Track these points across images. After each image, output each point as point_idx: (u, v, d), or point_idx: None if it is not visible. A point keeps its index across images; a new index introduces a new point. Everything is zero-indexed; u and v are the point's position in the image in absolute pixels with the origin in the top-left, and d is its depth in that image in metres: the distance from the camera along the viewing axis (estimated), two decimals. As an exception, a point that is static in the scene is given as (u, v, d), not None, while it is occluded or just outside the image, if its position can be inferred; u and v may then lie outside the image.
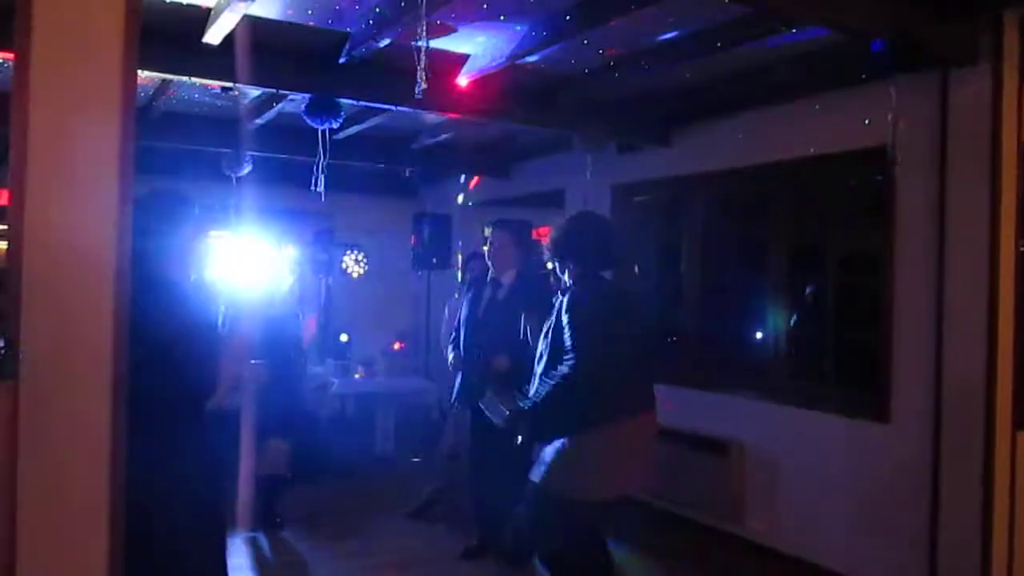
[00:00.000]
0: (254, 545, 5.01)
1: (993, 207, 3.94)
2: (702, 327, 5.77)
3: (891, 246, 4.43)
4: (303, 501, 5.91)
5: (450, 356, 4.99)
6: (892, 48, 3.82)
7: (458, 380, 4.97)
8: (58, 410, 1.89)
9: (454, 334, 5.00)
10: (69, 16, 1.96)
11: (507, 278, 4.75)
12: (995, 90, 3.95)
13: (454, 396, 5.05)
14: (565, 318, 3.44)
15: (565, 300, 3.51)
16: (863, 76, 4.32)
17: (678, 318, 5.92)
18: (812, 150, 4.84)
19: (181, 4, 3.92)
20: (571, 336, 3.39)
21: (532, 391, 3.56)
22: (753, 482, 5.13)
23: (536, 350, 3.74)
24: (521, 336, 4.49)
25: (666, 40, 4.32)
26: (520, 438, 3.62)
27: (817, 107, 4.81)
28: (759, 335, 5.36)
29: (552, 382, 3.41)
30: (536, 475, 3.52)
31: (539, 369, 3.59)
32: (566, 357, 3.39)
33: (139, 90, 5.39)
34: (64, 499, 1.90)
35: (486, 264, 5.03)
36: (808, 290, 5.24)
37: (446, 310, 6.66)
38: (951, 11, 3.90)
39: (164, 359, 2.45)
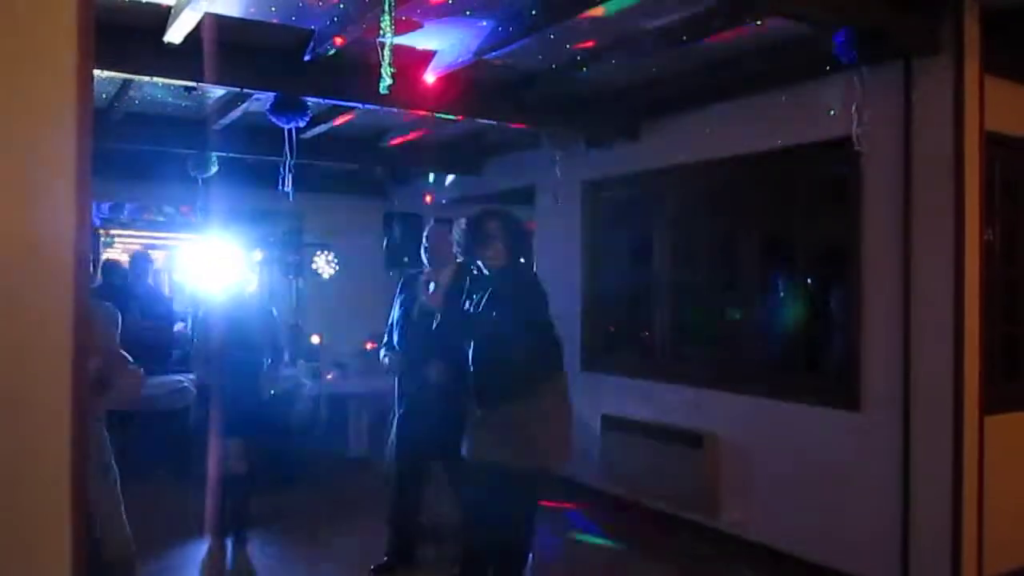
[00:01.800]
0: (219, 550, 4.91)
1: (958, 196, 3.99)
2: (674, 321, 5.79)
3: (858, 236, 4.47)
4: (273, 504, 5.86)
5: (385, 359, 4.77)
6: (856, 39, 3.86)
7: (396, 383, 4.81)
8: (20, 415, 1.85)
9: (386, 337, 4.81)
10: (18, 10, 1.91)
11: (443, 277, 4.37)
12: (957, 80, 4.00)
13: (395, 399, 4.82)
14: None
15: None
16: (828, 68, 4.35)
17: (650, 312, 5.93)
18: (779, 142, 4.87)
19: (140, 2, 3.85)
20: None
21: None
22: (727, 473, 5.16)
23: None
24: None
25: (633, 33, 4.32)
26: None
27: (784, 99, 4.84)
28: (730, 327, 5.38)
29: None
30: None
31: None
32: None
33: (99, 91, 5.32)
34: (24, 500, 1.85)
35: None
36: (778, 281, 5.27)
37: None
38: (913, 2, 3.94)
39: None
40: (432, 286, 3.99)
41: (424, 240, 4.68)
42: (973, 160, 4.03)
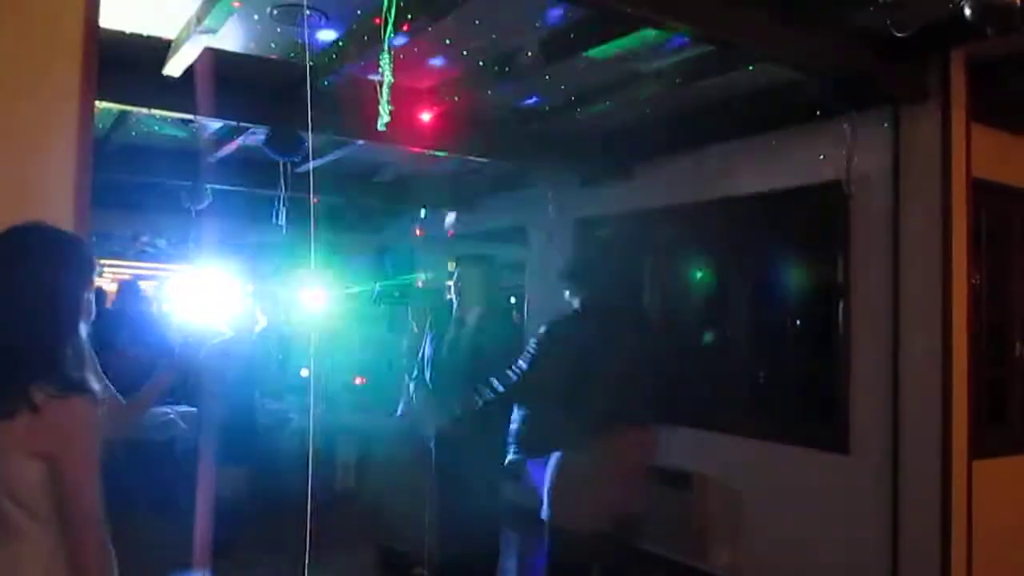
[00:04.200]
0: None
1: (945, 241, 4.03)
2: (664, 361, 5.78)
3: (848, 279, 4.51)
4: (257, 538, 5.79)
5: (414, 395, 4.83)
6: (844, 86, 3.93)
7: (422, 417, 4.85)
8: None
9: (416, 372, 4.91)
10: (26, 45, 1.94)
11: (471, 316, 4.61)
12: (944, 127, 4.07)
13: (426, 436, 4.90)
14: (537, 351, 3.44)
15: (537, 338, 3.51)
16: (818, 112, 4.42)
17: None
18: (770, 185, 4.92)
19: (142, 36, 3.90)
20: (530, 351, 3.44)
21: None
22: (715, 514, 5.13)
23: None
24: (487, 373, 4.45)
25: (628, 76, 4.39)
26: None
27: (774, 142, 4.90)
28: (720, 368, 5.38)
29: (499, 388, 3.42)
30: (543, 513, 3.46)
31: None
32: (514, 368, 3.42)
33: (97, 122, 5.35)
34: None
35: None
36: (767, 323, 5.29)
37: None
38: (901, 51, 4.02)
39: None
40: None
41: (455, 281, 4.67)
42: (960, 206, 4.08)
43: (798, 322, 5.11)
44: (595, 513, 3.32)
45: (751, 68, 4.10)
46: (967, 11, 3.01)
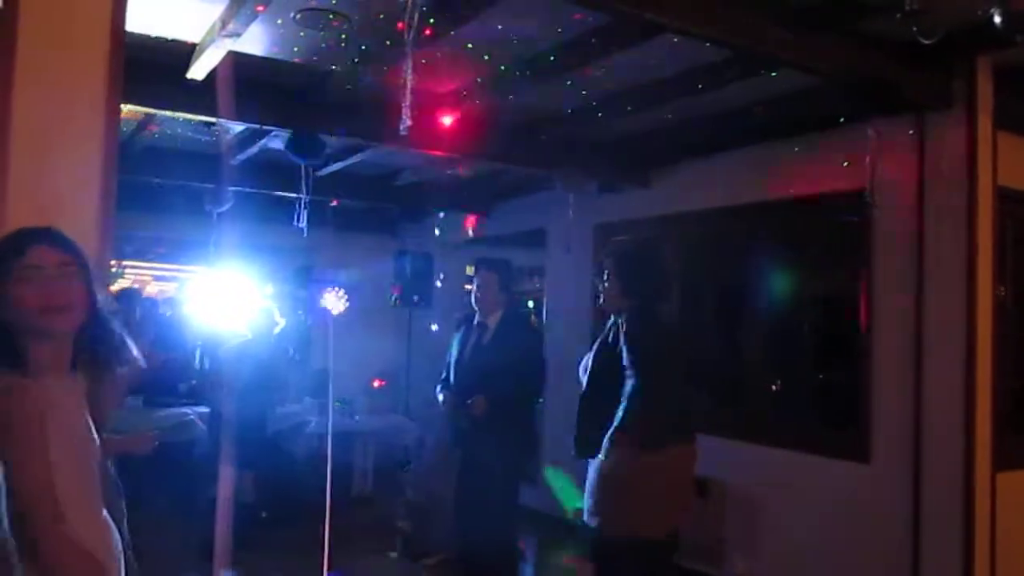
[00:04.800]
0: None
1: (970, 249, 3.99)
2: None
3: (870, 288, 4.47)
4: (278, 539, 5.82)
5: (440, 397, 4.91)
6: (868, 93, 3.90)
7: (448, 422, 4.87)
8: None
9: (444, 374, 4.95)
10: (53, 50, 1.95)
11: (492, 320, 4.74)
12: (969, 134, 4.02)
13: (450, 438, 4.92)
14: (626, 352, 3.29)
15: (624, 334, 3.32)
16: (841, 119, 4.38)
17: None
18: (791, 191, 4.89)
19: (166, 39, 3.93)
20: (633, 366, 3.27)
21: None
22: (733, 522, 5.10)
23: (521, 388, 3.75)
24: (510, 377, 4.47)
25: (648, 81, 4.38)
26: None
27: (796, 149, 4.87)
28: (738, 375, 5.35)
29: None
30: (591, 520, 3.33)
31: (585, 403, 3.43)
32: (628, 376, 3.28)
33: (121, 125, 5.40)
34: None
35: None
36: (787, 330, 5.25)
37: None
38: (926, 58, 3.98)
39: None
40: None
41: (475, 287, 4.71)
42: (986, 215, 4.03)
43: (819, 330, 5.07)
44: (656, 521, 3.28)
45: (773, 74, 4.07)
46: (996, 19, 2.98)
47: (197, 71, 3.99)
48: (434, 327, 8.25)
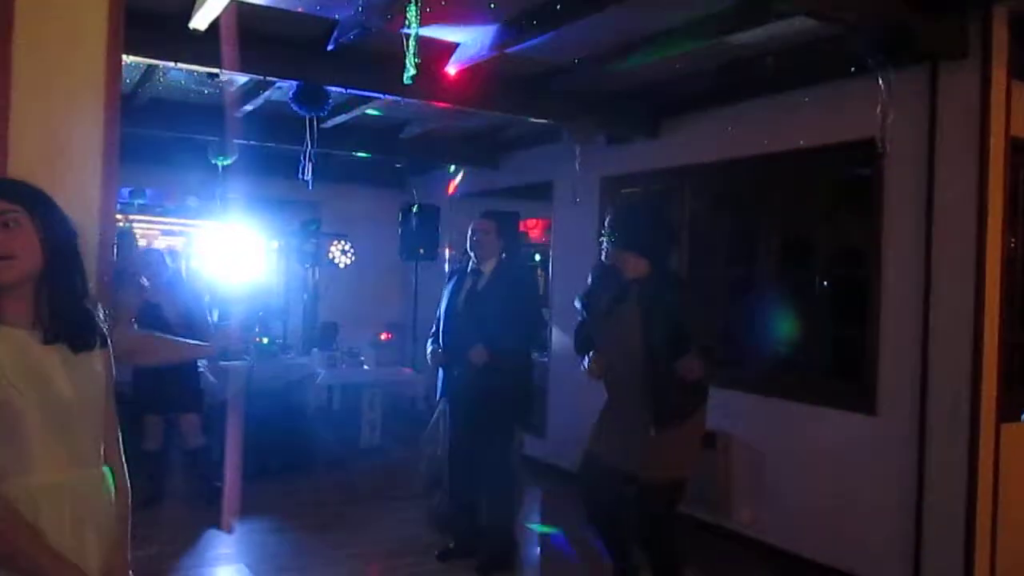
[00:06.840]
0: (237, 533, 5.02)
1: (981, 201, 3.95)
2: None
3: (878, 239, 4.44)
4: (285, 491, 5.92)
5: (429, 350, 4.87)
6: (882, 40, 3.82)
7: (440, 375, 4.82)
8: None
9: (434, 327, 4.90)
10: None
11: (488, 267, 4.69)
12: (983, 84, 3.96)
13: (438, 392, 4.88)
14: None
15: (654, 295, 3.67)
16: (852, 69, 4.31)
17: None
18: (801, 142, 4.84)
19: (167, -11, 3.88)
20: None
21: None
22: (740, 474, 5.14)
23: (515, 337, 3.86)
24: (502, 326, 4.46)
25: (656, 30, 4.30)
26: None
27: (806, 99, 4.80)
28: (747, 327, 5.35)
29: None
30: (652, 474, 3.69)
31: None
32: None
33: (124, 76, 5.35)
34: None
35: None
36: (795, 282, 5.24)
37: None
38: (941, 5, 3.91)
39: None
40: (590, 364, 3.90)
41: (470, 234, 4.69)
42: (998, 165, 3.99)
43: (827, 282, 5.06)
44: (680, 465, 3.82)
45: (786, 20, 3.99)
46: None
47: (200, 21, 3.94)
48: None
